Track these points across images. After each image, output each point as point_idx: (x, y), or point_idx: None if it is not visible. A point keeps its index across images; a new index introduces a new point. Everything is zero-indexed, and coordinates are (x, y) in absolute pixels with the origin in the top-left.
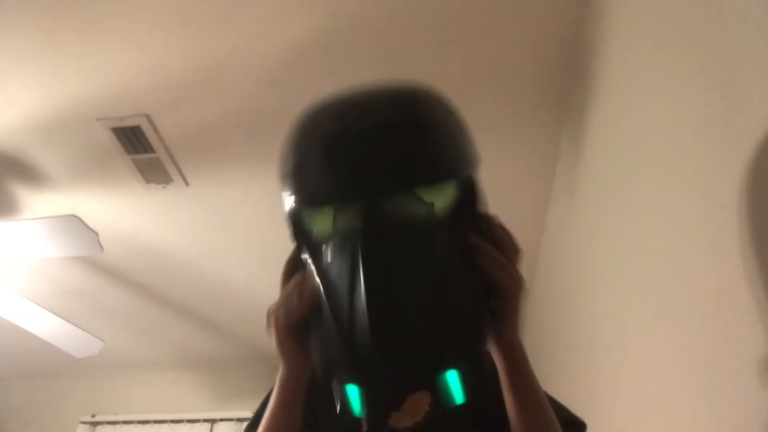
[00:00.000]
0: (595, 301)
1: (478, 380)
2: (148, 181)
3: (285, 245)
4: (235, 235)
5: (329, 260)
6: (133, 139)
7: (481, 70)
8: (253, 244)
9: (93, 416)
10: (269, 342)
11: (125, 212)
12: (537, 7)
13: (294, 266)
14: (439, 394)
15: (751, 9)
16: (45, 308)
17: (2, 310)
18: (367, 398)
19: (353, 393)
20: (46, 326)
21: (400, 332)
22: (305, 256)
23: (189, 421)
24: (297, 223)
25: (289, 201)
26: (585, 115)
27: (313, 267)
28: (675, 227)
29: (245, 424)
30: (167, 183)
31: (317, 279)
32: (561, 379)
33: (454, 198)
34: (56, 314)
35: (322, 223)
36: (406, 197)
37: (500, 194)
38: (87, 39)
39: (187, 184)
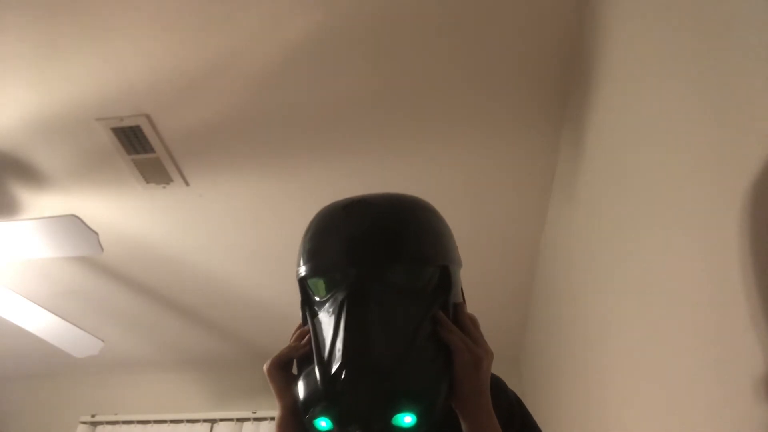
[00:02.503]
0: (595, 301)
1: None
2: (148, 181)
3: (283, 245)
4: (235, 234)
5: (324, 314)
6: (133, 139)
7: (480, 70)
8: (253, 243)
9: (93, 416)
10: (268, 345)
11: (125, 212)
12: (536, 7)
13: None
14: (392, 430)
15: (750, 8)
16: (45, 308)
17: (2, 309)
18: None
19: (323, 427)
20: (46, 326)
21: (368, 370)
22: (306, 315)
23: (189, 421)
24: (304, 290)
25: (301, 271)
26: (585, 115)
27: (309, 321)
28: (675, 227)
29: (245, 424)
30: (167, 183)
31: (311, 328)
32: (560, 378)
33: (431, 282)
34: (56, 314)
35: (324, 287)
36: (390, 271)
37: (500, 194)
38: (87, 39)
39: (187, 184)
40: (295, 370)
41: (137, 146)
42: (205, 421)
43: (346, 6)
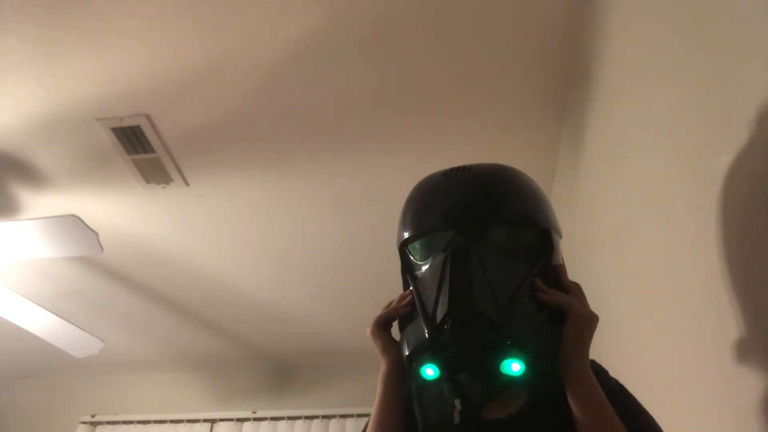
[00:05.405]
0: (595, 301)
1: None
2: (148, 181)
3: (284, 245)
4: (235, 234)
5: (426, 275)
6: (133, 139)
7: (481, 71)
8: (254, 243)
9: (93, 416)
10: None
11: (125, 212)
12: (537, 7)
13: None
14: (501, 378)
15: (749, 8)
16: (45, 308)
17: (2, 309)
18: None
19: (429, 376)
20: (46, 326)
21: (473, 317)
22: (408, 277)
23: (189, 421)
24: (405, 256)
25: (404, 235)
26: (585, 115)
27: (412, 284)
28: (674, 226)
29: (245, 424)
30: (167, 183)
31: (413, 286)
32: None
33: (532, 244)
34: (56, 314)
35: (426, 250)
36: (491, 232)
37: None
38: (87, 39)
39: (187, 184)
40: (396, 336)
41: (137, 146)
42: (205, 421)
43: (347, 6)
